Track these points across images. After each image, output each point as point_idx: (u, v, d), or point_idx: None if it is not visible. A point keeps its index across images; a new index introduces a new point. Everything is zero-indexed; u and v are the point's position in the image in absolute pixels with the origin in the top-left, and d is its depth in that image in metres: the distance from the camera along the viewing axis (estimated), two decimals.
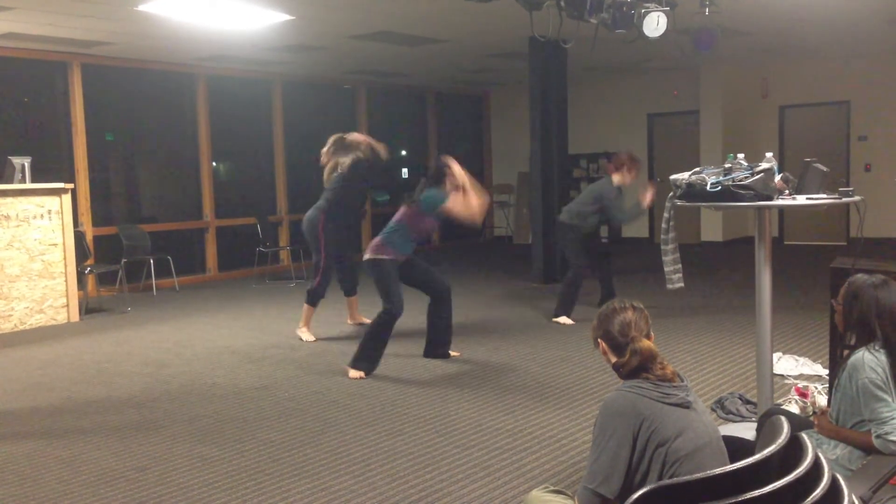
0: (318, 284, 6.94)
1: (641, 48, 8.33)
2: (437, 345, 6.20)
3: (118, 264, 9.53)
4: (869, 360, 2.94)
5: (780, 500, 1.90)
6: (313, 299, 6.99)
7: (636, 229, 14.28)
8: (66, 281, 8.25)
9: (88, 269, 8.99)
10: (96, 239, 9.87)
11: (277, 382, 5.71)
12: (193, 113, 11.15)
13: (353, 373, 5.74)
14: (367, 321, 6.91)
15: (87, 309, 8.75)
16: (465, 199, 5.72)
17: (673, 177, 3.84)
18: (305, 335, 7.00)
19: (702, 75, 13.13)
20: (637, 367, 2.47)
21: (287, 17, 8.01)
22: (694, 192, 3.68)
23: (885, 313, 2.99)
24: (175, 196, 11.46)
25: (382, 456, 4.15)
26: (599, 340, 2.61)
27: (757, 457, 2.07)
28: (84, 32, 8.55)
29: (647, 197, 7.09)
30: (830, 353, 4.42)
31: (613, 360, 2.55)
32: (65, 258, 8.25)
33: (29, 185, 8.02)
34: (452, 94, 15.18)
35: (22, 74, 9.60)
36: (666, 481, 2.21)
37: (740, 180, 3.56)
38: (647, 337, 2.55)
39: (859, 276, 3.12)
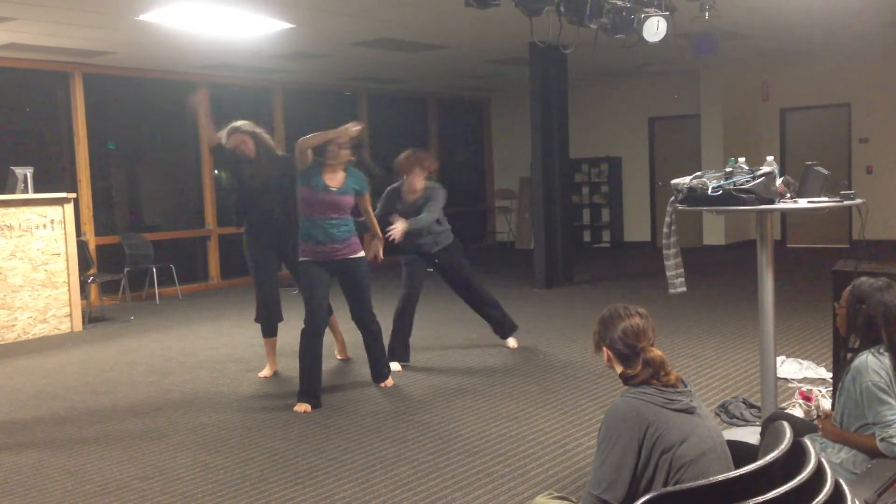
0: None
1: (641, 52, 8.35)
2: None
3: (121, 273, 9.53)
4: (872, 363, 2.94)
5: None
6: None
7: (638, 233, 14.29)
8: (69, 290, 8.26)
9: (91, 278, 8.99)
10: (99, 248, 9.88)
11: (280, 390, 5.70)
12: (195, 121, 11.16)
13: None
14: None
15: (91, 318, 8.75)
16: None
17: (674, 181, 3.84)
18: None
19: (702, 79, 13.14)
20: (647, 377, 2.45)
21: (288, 25, 8.03)
22: (695, 196, 3.69)
23: (892, 317, 2.99)
24: (177, 204, 11.47)
25: (386, 463, 4.15)
26: (604, 348, 2.56)
27: (759, 463, 2.07)
28: (85, 42, 8.57)
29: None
30: (834, 357, 4.41)
31: (619, 369, 2.51)
32: (67, 268, 8.26)
33: (31, 195, 8.03)
34: (453, 100, 15.20)
35: (24, 84, 9.62)
36: (670, 488, 2.21)
37: (741, 184, 3.56)
38: (651, 344, 2.53)
39: (863, 279, 3.11)
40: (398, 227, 5.71)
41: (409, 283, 6.21)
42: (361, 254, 5.40)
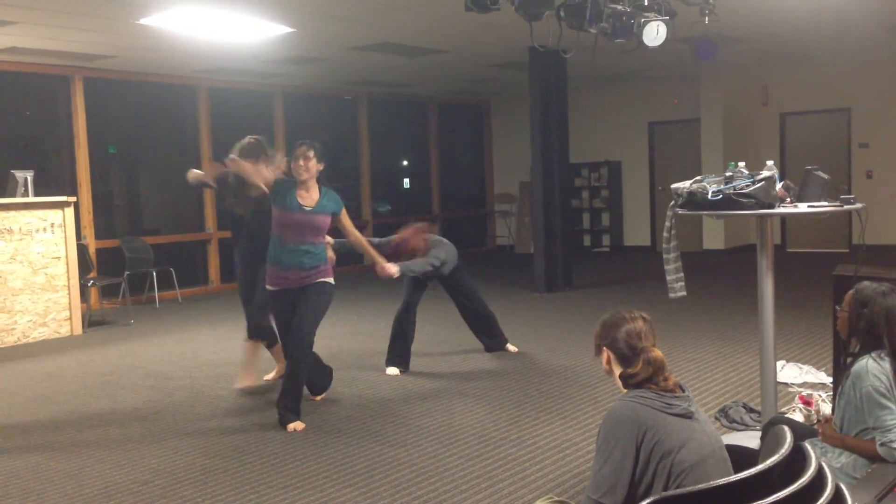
0: None
1: (641, 57, 8.33)
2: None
3: (121, 277, 9.53)
4: (873, 367, 2.94)
5: None
6: None
7: (637, 237, 14.29)
8: (69, 294, 8.26)
9: (91, 281, 9.00)
10: (99, 252, 9.88)
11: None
12: (195, 125, 11.18)
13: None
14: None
15: (91, 322, 8.75)
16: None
17: (674, 185, 3.85)
18: None
19: (702, 83, 13.15)
20: (646, 377, 2.45)
21: (288, 29, 8.04)
22: (695, 200, 3.69)
23: (894, 322, 2.99)
24: (177, 208, 11.47)
25: (386, 467, 4.15)
26: (604, 349, 2.55)
27: (760, 467, 2.06)
28: (86, 46, 8.58)
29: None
30: (834, 361, 4.41)
31: (619, 370, 2.51)
32: (68, 271, 8.26)
33: (32, 199, 8.04)
34: (453, 104, 15.21)
35: (24, 88, 9.64)
36: (669, 492, 2.20)
37: (741, 188, 3.57)
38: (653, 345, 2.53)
39: (867, 283, 3.12)
40: (392, 270, 5.49)
41: (408, 289, 6.22)
42: (328, 279, 4.99)
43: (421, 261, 5.97)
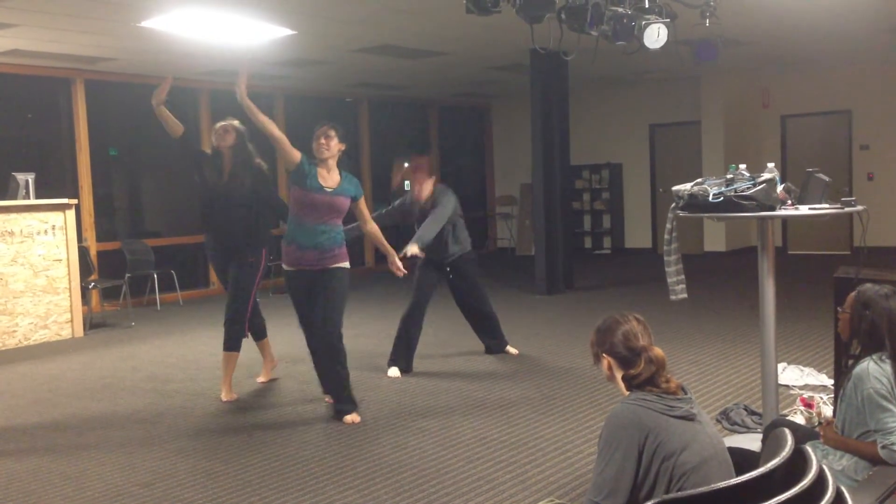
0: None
1: (642, 59, 8.36)
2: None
3: (122, 279, 9.53)
4: (874, 370, 2.94)
5: None
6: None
7: (639, 239, 14.29)
8: (70, 296, 8.26)
9: (92, 284, 9.00)
10: (100, 254, 9.88)
11: (281, 396, 5.70)
12: (196, 127, 11.18)
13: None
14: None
15: (92, 324, 8.75)
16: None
17: (675, 188, 3.85)
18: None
19: (703, 86, 13.15)
20: (649, 376, 2.43)
21: (289, 31, 8.05)
22: (696, 202, 3.69)
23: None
24: (178, 210, 11.48)
25: (387, 469, 4.15)
26: (604, 356, 2.54)
27: (761, 470, 2.06)
28: (87, 48, 8.60)
29: None
30: (835, 363, 4.41)
31: (620, 374, 2.50)
32: (69, 274, 8.26)
33: (33, 201, 8.04)
34: (454, 106, 15.22)
35: (25, 91, 9.64)
36: (671, 495, 2.20)
37: (742, 191, 3.57)
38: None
39: (868, 285, 3.12)
40: (414, 250, 5.51)
41: (418, 288, 6.21)
42: (344, 264, 5.02)
43: (430, 222, 5.81)
